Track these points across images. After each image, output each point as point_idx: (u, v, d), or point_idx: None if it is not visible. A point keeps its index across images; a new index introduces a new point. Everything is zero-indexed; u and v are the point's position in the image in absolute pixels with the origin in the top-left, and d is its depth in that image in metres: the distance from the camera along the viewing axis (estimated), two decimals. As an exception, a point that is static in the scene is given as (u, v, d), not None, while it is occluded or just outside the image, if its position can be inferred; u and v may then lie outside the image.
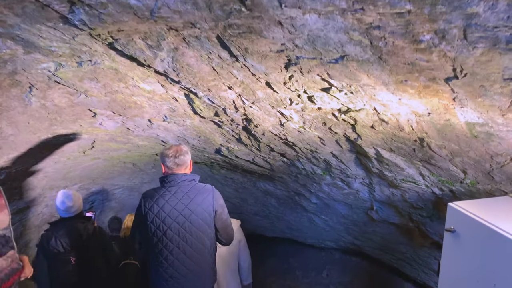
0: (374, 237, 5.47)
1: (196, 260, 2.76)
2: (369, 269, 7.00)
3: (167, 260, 2.72)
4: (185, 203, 2.70)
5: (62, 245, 3.34)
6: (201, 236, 2.74)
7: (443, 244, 2.37)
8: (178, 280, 2.74)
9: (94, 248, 3.57)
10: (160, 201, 2.72)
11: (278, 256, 8.61)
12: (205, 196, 2.80)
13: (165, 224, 2.70)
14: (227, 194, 6.58)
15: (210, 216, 2.78)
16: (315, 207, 5.53)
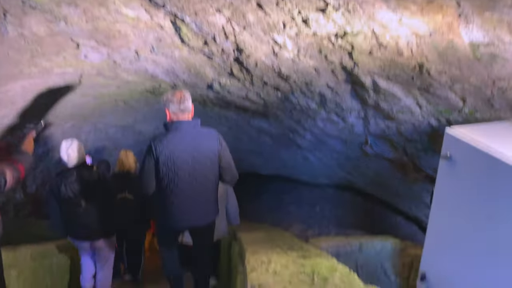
0: (367, 172, 5.49)
1: (203, 196, 3.09)
2: (361, 203, 7.14)
3: (177, 197, 3.01)
4: (192, 146, 2.94)
5: (72, 191, 3.76)
6: (207, 176, 3.04)
7: (438, 173, 2.32)
8: (188, 214, 3.08)
9: (100, 192, 3.95)
10: (170, 145, 2.92)
11: (272, 193, 8.75)
12: (210, 140, 3.06)
13: (175, 167, 2.93)
14: (221, 133, 6.50)
15: (215, 157, 3.04)
16: (309, 144, 5.48)
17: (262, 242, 3.24)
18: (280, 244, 3.05)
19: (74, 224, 3.90)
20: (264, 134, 5.99)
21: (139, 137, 7.49)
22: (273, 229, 4.24)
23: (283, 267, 2.13)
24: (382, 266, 3.02)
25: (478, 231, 1.99)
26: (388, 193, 5.91)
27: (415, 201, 5.49)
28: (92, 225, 3.91)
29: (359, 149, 4.84)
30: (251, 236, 3.70)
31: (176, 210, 3.07)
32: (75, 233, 3.98)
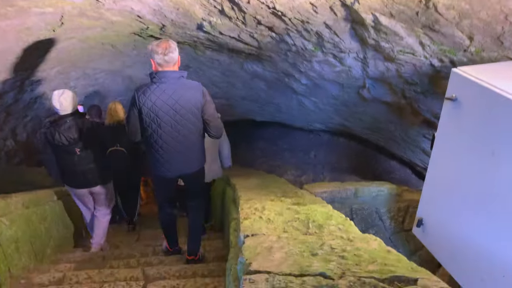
0: (363, 117, 5.36)
1: (186, 146, 3.12)
2: (356, 148, 7.09)
3: (162, 147, 3.07)
4: (175, 98, 2.93)
5: (66, 139, 3.76)
6: (190, 128, 3.06)
7: (441, 115, 2.18)
8: (171, 162, 3.15)
9: (94, 140, 3.98)
10: (153, 96, 2.94)
11: (267, 139, 8.67)
12: (193, 92, 3.00)
13: (158, 117, 2.96)
14: (214, 78, 6.27)
15: (197, 110, 3.02)
16: (304, 89, 5.30)
17: (257, 189, 3.17)
18: (275, 190, 2.98)
19: (70, 172, 3.95)
20: (258, 79, 5.78)
21: (129, 83, 7.24)
22: (268, 176, 4.18)
23: (277, 214, 2.05)
24: (378, 212, 2.98)
25: (481, 174, 1.89)
26: (384, 138, 5.82)
27: (411, 146, 5.42)
28: (88, 173, 3.97)
29: (356, 94, 4.67)
30: (246, 182, 3.63)
31: (162, 160, 3.15)
32: (72, 181, 4.03)
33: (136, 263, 3.77)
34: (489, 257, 1.84)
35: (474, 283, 1.96)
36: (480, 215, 1.93)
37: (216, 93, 7.07)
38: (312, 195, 2.67)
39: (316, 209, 2.10)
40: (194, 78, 6.51)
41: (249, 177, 4.27)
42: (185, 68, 6.24)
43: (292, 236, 1.62)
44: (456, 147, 2.05)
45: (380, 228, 3.01)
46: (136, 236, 4.95)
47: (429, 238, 2.24)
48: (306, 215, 1.98)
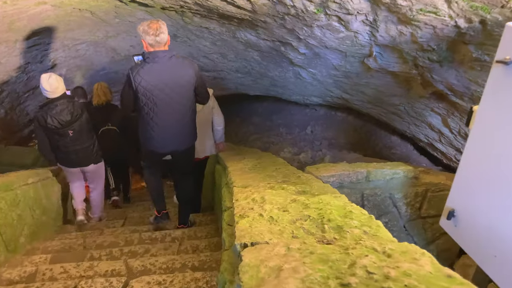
0: (366, 89, 4.88)
1: (181, 122, 3.25)
2: (354, 123, 6.64)
3: (158, 124, 3.17)
4: (170, 76, 3.05)
5: (58, 122, 3.84)
6: (184, 104, 3.19)
7: (488, 84, 1.70)
8: (166, 138, 3.27)
9: (85, 121, 4.07)
10: (148, 76, 3.02)
11: (261, 114, 8.17)
12: (186, 69, 3.12)
13: (154, 96, 3.06)
14: (204, 48, 5.71)
15: (191, 86, 3.17)
16: (303, 59, 4.78)
17: (253, 172, 2.71)
18: (274, 174, 2.52)
19: (64, 153, 4.05)
20: (252, 49, 5.24)
21: (113, 54, 6.63)
22: (264, 155, 3.71)
23: (281, 209, 1.60)
24: (392, 197, 2.56)
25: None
26: (386, 112, 5.36)
27: (416, 120, 4.97)
28: (80, 153, 4.09)
29: (359, 64, 4.17)
30: (240, 163, 3.16)
31: (157, 136, 3.24)
32: (65, 161, 4.14)
33: (119, 253, 3.34)
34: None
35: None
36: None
37: (206, 65, 6.51)
38: (318, 181, 2.21)
39: (329, 201, 1.65)
40: (183, 49, 5.96)
41: (244, 156, 3.80)
42: (173, 38, 5.68)
43: (306, 246, 1.17)
44: (507, 123, 1.58)
45: (394, 216, 2.60)
46: (122, 221, 4.51)
47: (462, 233, 1.82)
48: (318, 211, 1.53)
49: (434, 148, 5.33)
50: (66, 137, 3.93)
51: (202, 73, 7.32)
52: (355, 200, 2.52)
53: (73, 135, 3.95)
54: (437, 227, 2.64)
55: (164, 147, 3.34)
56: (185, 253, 3.32)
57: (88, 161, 4.21)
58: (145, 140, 3.34)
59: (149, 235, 3.75)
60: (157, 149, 3.35)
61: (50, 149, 4.03)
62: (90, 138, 4.16)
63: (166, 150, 3.40)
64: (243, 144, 7.22)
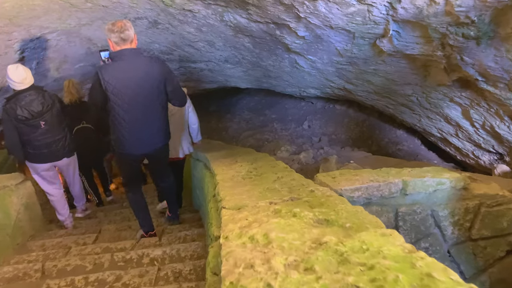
0: (373, 78, 4.19)
1: (153, 120, 3.09)
2: (355, 117, 5.97)
3: (129, 124, 3.01)
4: (139, 74, 2.92)
5: (29, 112, 3.60)
6: (155, 101, 3.04)
7: None
8: (139, 138, 3.08)
9: (56, 111, 3.83)
10: (116, 74, 2.90)
11: (253, 109, 7.45)
12: (155, 66, 2.99)
13: (124, 95, 2.92)
14: (188, 36, 4.96)
15: (161, 83, 3.01)
16: (301, 44, 4.06)
17: (249, 183, 2.02)
18: (277, 187, 1.83)
19: (35, 147, 3.75)
20: (242, 35, 4.51)
21: (89, 45, 5.82)
22: (260, 157, 3.01)
23: (301, 269, 0.90)
24: (434, 215, 1.88)
25: None
26: (394, 103, 4.68)
27: (430, 112, 4.30)
28: (53, 146, 3.83)
29: (369, 47, 3.48)
30: (232, 171, 2.45)
31: (129, 137, 3.06)
32: (37, 156, 3.81)
33: (83, 283, 2.62)
34: None
35: None
36: None
37: (192, 55, 5.77)
38: (342, 199, 1.52)
39: (380, 247, 0.96)
40: (165, 37, 5.19)
41: (236, 159, 3.10)
42: (154, 25, 4.94)
43: None
44: None
45: (435, 239, 1.91)
46: (95, 235, 3.77)
47: None
48: (369, 275, 0.84)
49: (447, 143, 4.68)
50: (38, 129, 3.68)
51: (187, 64, 6.60)
52: (386, 221, 1.84)
53: (45, 127, 3.71)
54: (491, 251, 1.98)
55: (138, 148, 3.15)
56: (165, 282, 2.62)
57: (61, 154, 3.92)
58: (118, 142, 3.13)
59: (123, 256, 3.03)
60: (130, 151, 3.15)
61: (19, 144, 3.70)
62: (62, 130, 3.91)
63: (141, 151, 3.20)
64: (234, 142, 6.51)
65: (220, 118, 8.47)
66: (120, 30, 2.82)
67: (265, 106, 7.41)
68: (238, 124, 7.32)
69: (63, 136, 3.92)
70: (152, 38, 5.57)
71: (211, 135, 7.66)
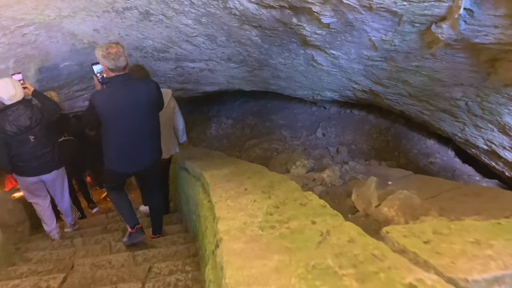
0: (413, 78, 3.30)
1: (146, 143, 3.13)
2: (377, 124, 5.10)
3: (123, 146, 3.05)
4: (133, 99, 2.95)
5: (17, 127, 3.52)
6: (145, 122, 3.06)
7: None
8: (131, 158, 3.12)
9: (46, 125, 3.73)
10: (111, 100, 2.94)
11: (257, 114, 6.57)
12: (148, 89, 3.03)
13: (118, 119, 2.95)
14: (185, 30, 4.08)
15: (150, 103, 3.05)
16: (323, 35, 3.19)
17: (274, 249, 1.15)
18: (329, 262, 0.96)
19: (24, 161, 3.68)
20: (249, 26, 3.63)
21: (74, 41, 4.89)
22: (276, 181, 2.14)
23: None
24: None
25: None
26: (433, 109, 3.79)
27: (480, 120, 3.42)
28: (42, 159, 3.75)
29: (417, 35, 2.60)
30: (241, 214, 1.57)
31: (122, 158, 3.10)
32: (25, 170, 3.74)
33: None
34: None
35: None
36: None
37: (190, 53, 4.87)
38: None
39: None
40: (159, 32, 4.29)
41: (243, 183, 2.22)
42: (145, 17, 4.13)
43: None
44: None
45: None
46: (63, 276, 2.86)
47: None
48: None
49: (495, 157, 3.80)
50: (27, 143, 3.62)
51: (185, 64, 5.71)
52: None
53: (34, 141, 3.65)
54: None
55: (129, 167, 3.20)
56: None
57: (50, 167, 3.84)
58: (109, 162, 3.15)
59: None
60: (121, 169, 3.20)
61: (7, 158, 3.62)
62: (51, 143, 3.84)
63: (131, 170, 3.27)
64: (237, 151, 5.63)
65: (221, 124, 7.61)
66: (115, 58, 2.79)
67: (271, 111, 6.53)
68: (241, 131, 6.44)
69: (52, 148, 3.84)
70: (144, 33, 4.63)
71: (211, 143, 6.79)
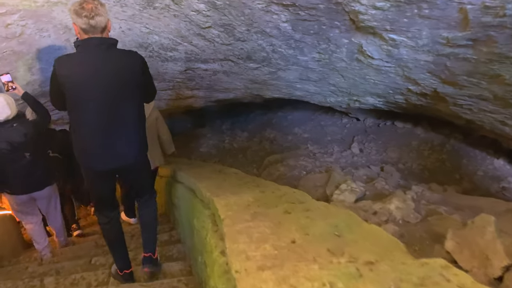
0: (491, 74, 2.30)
1: (121, 125, 2.37)
2: (427, 139, 4.08)
3: (91, 131, 2.32)
4: (106, 70, 2.27)
5: (11, 144, 3.39)
6: (126, 104, 2.36)
7: None
8: (104, 149, 2.34)
9: (39, 139, 3.60)
10: (77, 69, 2.26)
11: (277, 127, 5.62)
12: (129, 61, 2.35)
13: (85, 95, 2.27)
14: (197, 18, 3.14)
15: (135, 81, 2.36)
16: (387, 8, 2.22)
17: None
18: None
19: (15, 178, 3.49)
20: (278, 7, 2.71)
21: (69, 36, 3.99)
22: (315, 206, 1.18)
23: None
24: None
25: None
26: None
27: None
28: (36, 175, 3.59)
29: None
30: (262, 245, 0.62)
31: (92, 148, 2.32)
32: (17, 187, 3.55)
33: None
34: None
35: None
36: None
37: (202, 51, 3.94)
38: None
39: None
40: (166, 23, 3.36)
41: (278, 219, 1.24)
42: (150, 2, 3.23)
43: None
44: None
45: None
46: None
47: None
48: None
49: None
50: (23, 159, 3.47)
51: (197, 65, 4.78)
52: None
53: (29, 157, 3.50)
54: None
55: (103, 162, 2.35)
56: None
57: (43, 184, 3.70)
58: (79, 154, 2.37)
59: None
60: (94, 165, 2.36)
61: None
62: (45, 158, 3.79)
63: (107, 166, 2.38)
64: (255, 168, 4.66)
65: (235, 137, 6.70)
66: (90, 15, 2.15)
67: (293, 123, 5.58)
68: (259, 145, 5.49)
69: (44, 163, 3.71)
70: (149, 25, 3.68)
71: (224, 157, 5.86)
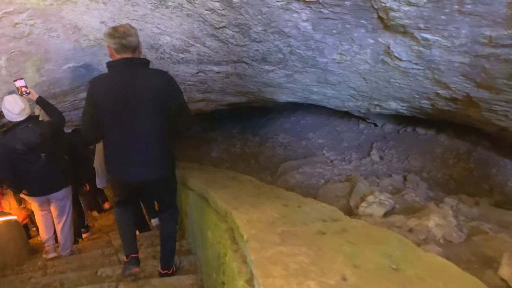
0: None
1: (147, 145, 2.48)
2: (451, 146, 3.83)
3: (119, 148, 2.50)
4: (135, 89, 2.37)
5: (28, 145, 3.42)
6: (152, 123, 2.45)
7: None
8: (130, 164, 2.51)
9: (55, 141, 3.62)
10: (108, 88, 2.40)
11: (290, 132, 5.42)
12: (156, 81, 2.41)
13: (115, 113, 2.41)
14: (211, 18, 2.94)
15: (162, 102, 2.41)
16: (423, 4, 2.00)
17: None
18: None
19: (32, 179, 3.55)
20: (299, 3, 2.50)
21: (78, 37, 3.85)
22: (353, 227, 0.98)
23: None
24: None
25: None
26: None
27: None
28: (52, 176, 3.62)
29: None
30: None
31: (118, 163, 2.52)
32: (34, 189, 3.64)
33: None
34: None
35: None
36: None
37: (215, 53, 3.75)
38: None
39: None
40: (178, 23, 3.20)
41: (316, 243, 1.03)
42: (160, 2, 3.04)
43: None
44: None
45: None
46: None
47: None
48: None
49: None
50: (39, 160, 3.49)
51: (209, 67, 4.59)
52: None
53: (45, 158, 3.52)
54: None
55: (130, 175, 2.51)
56: None
57: (60, 185, 3.69)
58: (108, 166, 2.60)
59: None
60: (121, 176, 2.57)
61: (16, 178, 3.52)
62: (61, 159, 3.79)
63: (133, 179, 2.54)
64: (269, 175, 4.47)
65: (246, 142, 6.52)
66: (122, 36, 2.28)
67: (307, 128, 5.37)
68: (272, 150, 5.30)
69: (64, 164, 3.79)
70: (160, 26, 3.48)
71: (236, 163, 5.67)
